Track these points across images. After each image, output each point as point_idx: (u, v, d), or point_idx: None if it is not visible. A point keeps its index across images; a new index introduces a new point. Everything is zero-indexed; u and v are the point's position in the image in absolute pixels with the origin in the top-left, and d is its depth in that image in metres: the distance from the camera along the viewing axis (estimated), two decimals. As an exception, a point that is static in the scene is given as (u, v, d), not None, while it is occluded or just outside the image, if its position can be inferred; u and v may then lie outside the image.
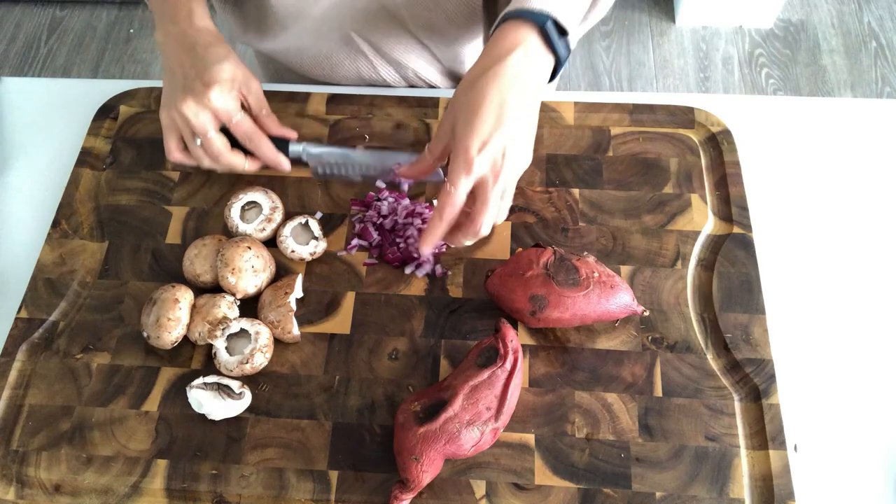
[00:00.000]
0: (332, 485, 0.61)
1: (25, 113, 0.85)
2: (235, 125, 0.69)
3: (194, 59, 0.67)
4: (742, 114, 0.81)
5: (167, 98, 0.69)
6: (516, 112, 0.59)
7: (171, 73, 0.69)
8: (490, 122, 0.58)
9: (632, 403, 0.64)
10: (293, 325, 0.66)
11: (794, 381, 0.66)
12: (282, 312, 0.66)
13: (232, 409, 0.63)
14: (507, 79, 0.59)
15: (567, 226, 0.73)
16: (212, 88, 0.66)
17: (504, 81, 0.59)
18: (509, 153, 0.59)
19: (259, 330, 0.65)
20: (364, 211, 0.74)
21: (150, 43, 2.13)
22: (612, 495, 0.60)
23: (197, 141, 0.69)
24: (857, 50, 2.03)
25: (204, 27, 0.70)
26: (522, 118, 0.60)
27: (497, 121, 0.58)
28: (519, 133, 0.60)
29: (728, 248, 0.71)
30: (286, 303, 0.66)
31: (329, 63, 0.86)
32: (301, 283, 0.69)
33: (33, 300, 0.70)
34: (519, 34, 0.61)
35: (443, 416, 0.57)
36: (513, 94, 0.59)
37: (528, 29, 0.61)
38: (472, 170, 0.58)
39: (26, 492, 0.62)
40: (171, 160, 0.72)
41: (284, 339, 0.66)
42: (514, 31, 0.61)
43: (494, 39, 0.61)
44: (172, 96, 0.68)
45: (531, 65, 0.60)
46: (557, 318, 0.63)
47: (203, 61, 0.67)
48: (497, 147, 0.58)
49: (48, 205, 0.77)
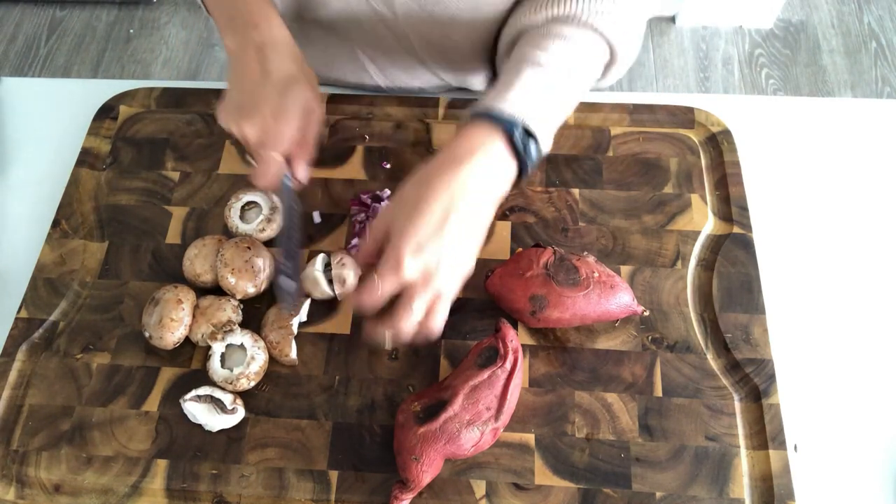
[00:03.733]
0: (332, 485, 0.61)
1: (25, 113, 0.85)
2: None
3: (266, 79, 0.62)
4: (742, 114, 0.81)
5: (232, 105, 0.64)
6: (462, 220, 0.55)
7: (240, 80, 0.63)
8: (431, 226, 0.54)
9: (632, 403, 0.64)
10: (292, 349, 0.66)
11: (794, 381, 0.66)
12: (282, 334, 0.66)
13: (225, 422, 0.63)
14: (459, 183, 0.55)
15: (567, 226, 0.73)
16: (280, 123, 0.61)
17: (456, 186, 0.55)
18: (445, 262, 0.54)
19: (255, 355, 0.65)
20: (364, 210, 0.74)
21: (150, 43, 2.13)
22: (612, 495, 0.60)
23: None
24: (857, 50, 2.03)
25: (282, 39, 0.64)
26: (468, 227, 0.56)
27: (438, 227, 0.54)
28: (461, 242, 0.55)
29: (728, 248, 0.71)
30: (288, 325, 0.66)
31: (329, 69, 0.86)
32: (307, 308, 0.69)
33: (33, 300, 0.70)
34: (483, 137, 0.57)
35: (443, 416, 0.57)
36: (463, 201, 0.55)
37: (493, 132, 0.57)
38: (401, 273, 0.53)
39: (26, 492, 0.62)
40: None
41: (281, 360, 0.66)
42: (478, 132, 0.57)
43: (458, 136, 0.58)
44: (238, 105, 0.63)
45: (490, 172, 0.57)
46: (557, 318, 0.63)
47: (275, 86, 0.62)
48: (433, 254, 0.54)
49: (48, 205, 0.77)
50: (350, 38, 0.78)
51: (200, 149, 0.79)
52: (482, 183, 0.56)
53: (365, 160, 0.78)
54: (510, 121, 0.57)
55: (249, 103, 0.62)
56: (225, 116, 0.64)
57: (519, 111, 0.58)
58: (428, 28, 0.74)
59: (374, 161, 0.78)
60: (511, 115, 0.57)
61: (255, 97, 0.62)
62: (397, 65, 0.81)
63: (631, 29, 0.66)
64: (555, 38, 0.63)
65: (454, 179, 0.55)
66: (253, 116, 0.61)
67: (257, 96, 0.62)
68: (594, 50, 0.65)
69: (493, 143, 0.57)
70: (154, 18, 2.19)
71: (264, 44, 0.63)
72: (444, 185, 0.55)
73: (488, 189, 0.57)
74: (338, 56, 0.83)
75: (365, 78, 0.84)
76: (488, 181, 0.57)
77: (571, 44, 0.63)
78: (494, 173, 0.57)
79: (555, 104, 0.62)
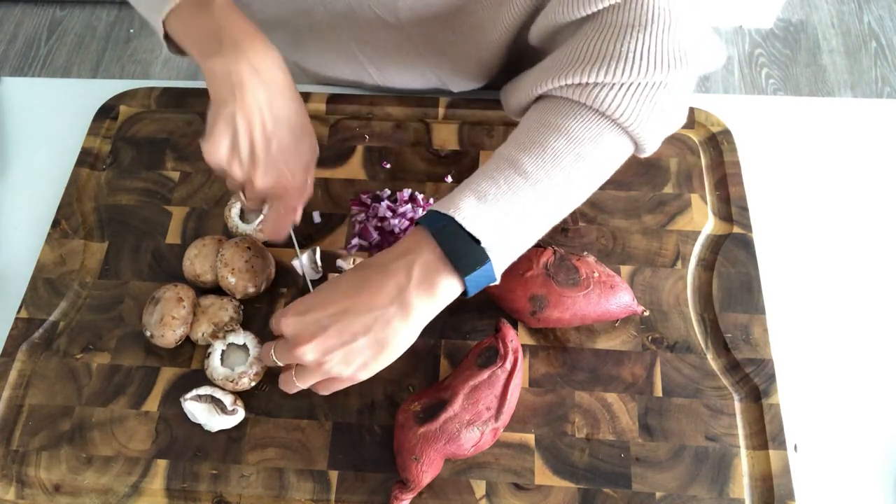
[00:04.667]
0: (332, 485, 0.61)
1: (25, 113, 0.85)
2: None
3: (277, 126, 0.57)
4: (742, 114, 0.81)
5: (235, 146, 0.57)
6: (354, 320, 0.51)
7: (242, 119, 0.56)
8: (321, 305, 0.52)
9: (632, 403, 0.64)
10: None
11: (794, 381, 0.66)
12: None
13: (225, 422, 0.63)
14: (370, 285, 0.51)
15: (567, 226, 0.73)
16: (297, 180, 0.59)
17: (364, 284, 0.52)
18: (316, 345, 0.51)
19: (258, 355, 0.65)
20: (364, 210, 0.74)
21: (150, 43, 2.13)
22: (612, 495, 0.60)
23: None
24: (857, 50, 2.03)
25: (276, 63, 0.57)
26: (356, 329, 0.51)
27: (328, 310, 0.52)
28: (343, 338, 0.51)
29: (728, 248, 0.71)
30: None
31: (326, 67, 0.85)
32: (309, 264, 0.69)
33: (33, 300, 0.70)
34: (416, 241, 0.52)
35: (443, 416, 0.57)
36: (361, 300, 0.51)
37: (426, 237, 0.52)
38: (275, 328, 0.54)
39: (26, 492, 0.62)
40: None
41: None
42: (414, 236, 0.53)
43: (405, 235, 0.54)
44: (245, 149, 0.57)
45: (406, 285, 0.51)
46: (557, 318, 0.63)
47: (289, 136, 0.58)
48: (307, 328, 0.52)
49: (48, 205, 0.77)
50: (350, 40, 0.78)
51: (200, 149, 0.79)
52: (387, 290, 0.51)
53: (365, 160, 0.78)
54: (445, 225, 0.52)
55: (264, 155, 0.57)
56: (227, 159, 0.57)
57: (463, 215, 0.51)
58: (431, 33, 0.74)
59: (374, 161, 0.78)
60: (447, 217, 0.52)
61: (271, 149, 0.57)
62: (398, 66, 0.81)
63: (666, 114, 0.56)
64: (555, 135, 0.55)
65: (364, 277, 0.52)
66: (268, 169, 0.57)
67: (272, 149, 0.57)
68: (610, 149, 0.57)
69: (420, 251, 0.52)
70: (154, 18, 2.18)
71: (259, 70, 0.55)
72: (352, 279, 0.53)
73: (395, 297, 0.51)
74: (337, 56, 0.82)
75: (364, 77, 0.84)
76: (394, 290, 0.51)
77: (576, 145, 0.55)
78: (409, 284, 0.51)
79: (528, 216, 0.54)
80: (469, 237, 0.52)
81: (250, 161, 0.57)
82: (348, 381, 0.55)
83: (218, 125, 0.56)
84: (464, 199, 0.53)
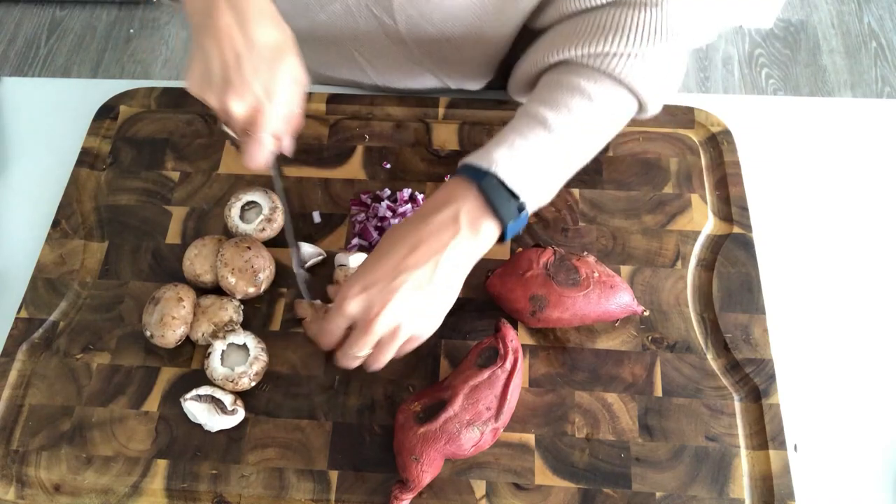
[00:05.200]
0: (332, 485, 0.61)
1: (25, 113, 0.85)
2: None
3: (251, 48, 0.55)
4: (742, 114, 0.81)
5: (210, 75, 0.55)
6: (417, 273, 0.55)
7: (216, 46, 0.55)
8: (381, 271, 0.55)
9: (632, 403, 0.64)
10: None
11: (794, 381, 0.66)
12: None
13: (225, 422, 0.63)
14: (421, 238, 0.55)
15: (567, 226, 0.73)
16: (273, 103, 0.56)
17: (415, 239, 0.55)
18: (391, 310, 0.55)
19: (258, 356, 0.65)
20: (364, 210, 0.74)
21: (150, 43, 2.13)
22: (612, 495, 0.60)
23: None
24: (857, 50, 2.03)
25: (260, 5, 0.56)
26: (422, 281, 0.55)
27: (389, 273, 0.55)
28: (411, 293, 0.55)
29: (728, 248, 0.71)
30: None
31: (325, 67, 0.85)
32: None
33: (33, 300, 0.70)
34: (457, 191, 0.57)
35: (443, 416, 0.57)
36: (418, 253, 0.55)
37: (467, 188, 0.57)
38: (344, 311, 0.55)
39: (26, 492, 0.62)
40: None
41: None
42: (454, 187, 0.57)
43: (439, 189, 0.58)
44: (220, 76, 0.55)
45: (457, 231, 0.56)
46: (557, 318, 0.63)
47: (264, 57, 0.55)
48: (377, 297, 0.55)
49: (48, 205, 0.77)
50: (348, 41, 0.78)
51: (200, 149, 0.79)
52: (442, 238, 0.56)
53: (365, 160, 0.78)
54: (487, 173, 0.56)
55: (235, 77, 0.55)
56: (200, 87, 0.56)
57: (494, 163, 0.57)
58: (428, 35, 0.74)
59: (374, 161, 0.78)
60: (488, 168, 0.57)
61: (242, 70, 0.55)
62: (396, 68, 0.81)
63: (664, 78, 0.64)
64: (574, 94, 0.61)
65: (417, 232, 0.56)
66: (242, 94, 0.55)
67: (244, 69, 0.55)
68: (618, 107, 0.64)
69: (465, 199, 0.57)
70: (154, 18, 2.19)
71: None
72: (406, 236, 0.56)
73: (456, 248, 0.56)
74: (335, 57, 0.82)
75: (363, 77, 0.84)
76: (456, 239, 0.56)
77: (591, 102, 0.61)
78: (464, 234, 0.56)
79: (554, 167, 0.61)
80: (506, 189, 0.57)
81: (222, 84, 0.55)
82: (416, 342, 0.58)
83: (193, 54, 0.56)
84: (500, 154, 0.58)
